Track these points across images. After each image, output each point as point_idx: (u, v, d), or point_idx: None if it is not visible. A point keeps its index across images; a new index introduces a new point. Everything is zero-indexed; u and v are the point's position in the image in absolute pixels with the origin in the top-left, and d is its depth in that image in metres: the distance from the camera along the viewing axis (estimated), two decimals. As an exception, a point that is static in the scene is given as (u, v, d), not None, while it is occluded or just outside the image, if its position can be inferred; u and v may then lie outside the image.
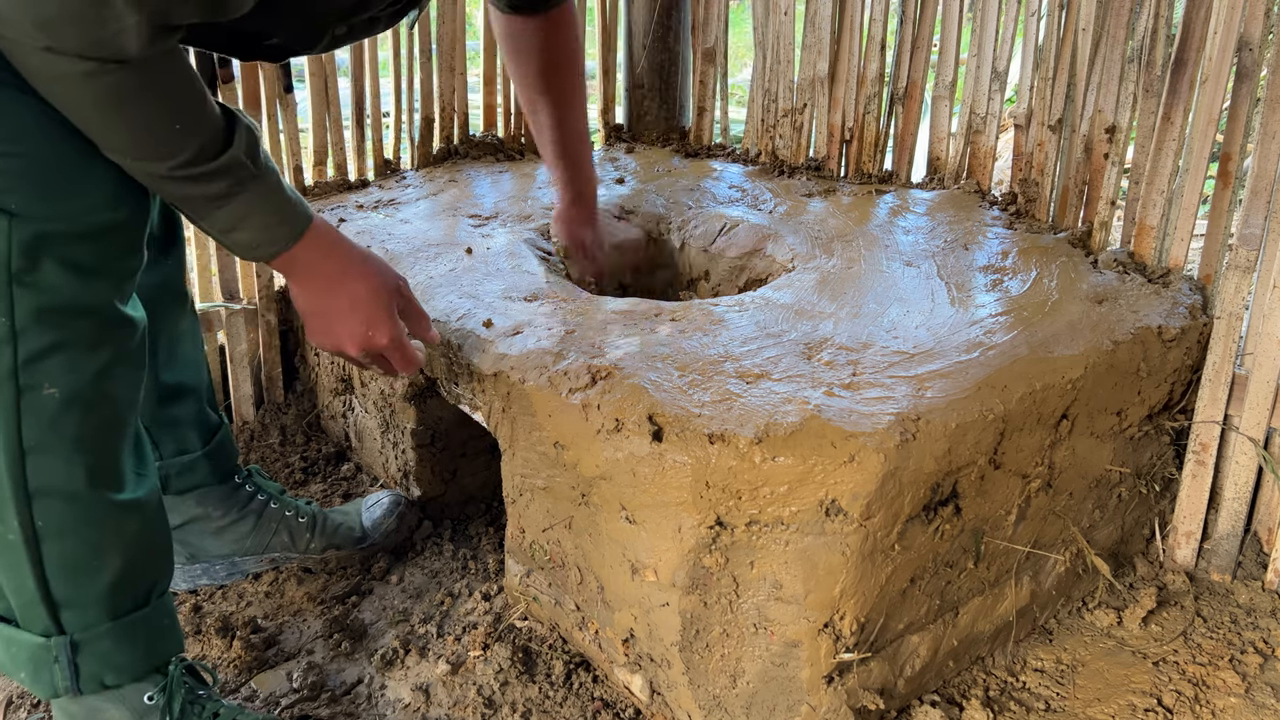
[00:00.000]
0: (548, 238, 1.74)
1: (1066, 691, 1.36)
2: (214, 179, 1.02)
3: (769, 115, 2.13)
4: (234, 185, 1.03)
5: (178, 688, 1.19)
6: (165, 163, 0.99)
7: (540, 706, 1.34)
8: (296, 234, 1.10)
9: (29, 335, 0.98)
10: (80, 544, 1.08)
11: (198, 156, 1.00)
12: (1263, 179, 1.41)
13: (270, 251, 1.10)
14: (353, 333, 1.17)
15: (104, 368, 1.04)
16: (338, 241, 1.15)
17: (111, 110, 0.95)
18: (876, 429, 1.11)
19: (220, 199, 1.03)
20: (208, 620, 1.48)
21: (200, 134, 1.00)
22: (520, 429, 1.32)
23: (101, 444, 1.07)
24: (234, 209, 1.04)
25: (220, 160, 1.01)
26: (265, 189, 1.06)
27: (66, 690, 1.12)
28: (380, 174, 2.11)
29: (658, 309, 1.41)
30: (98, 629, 1.12)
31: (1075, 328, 1.36)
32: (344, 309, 1.16)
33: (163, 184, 1.01)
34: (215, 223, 1.06)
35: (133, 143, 0.97)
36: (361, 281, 1.16)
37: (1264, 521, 1.55)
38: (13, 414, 1.00)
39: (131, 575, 1.13)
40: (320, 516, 1.60)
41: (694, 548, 1.16)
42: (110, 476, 1.09)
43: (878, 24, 1.95)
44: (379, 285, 1.17)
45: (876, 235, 1.69)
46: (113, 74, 0.92)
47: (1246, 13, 1.40)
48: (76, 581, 1.09)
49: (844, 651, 1.17)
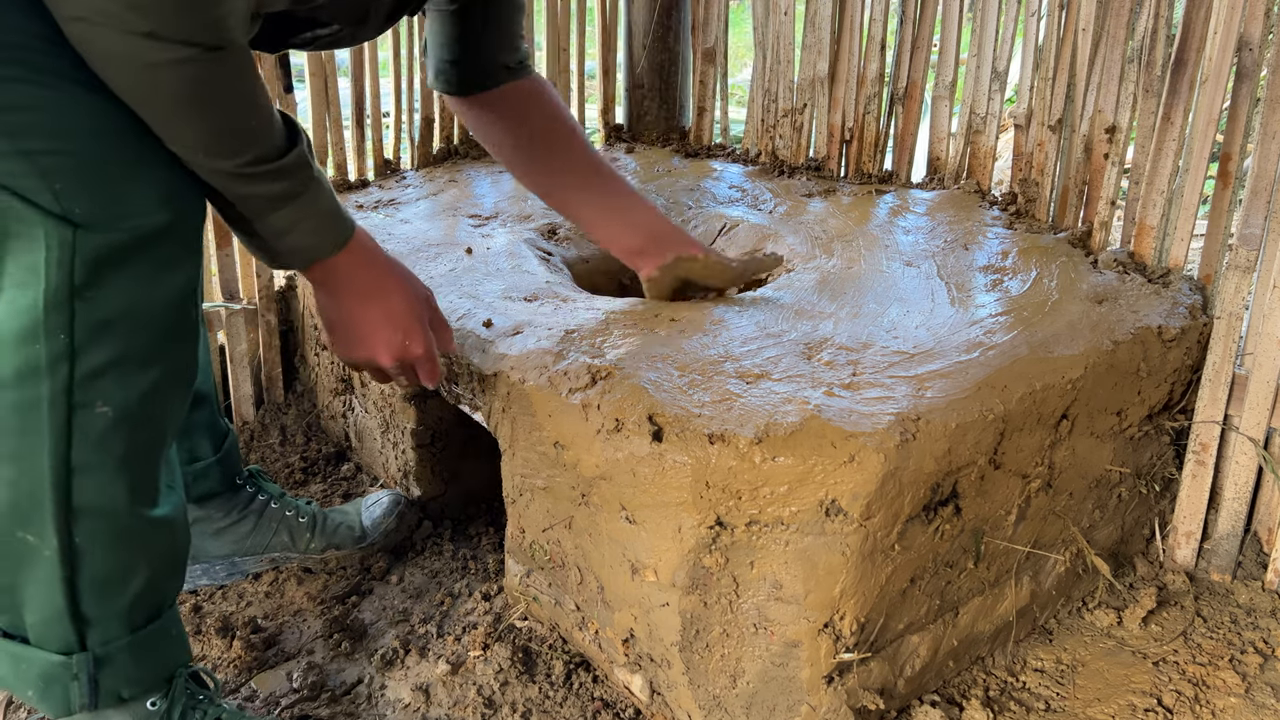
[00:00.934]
0: (548, 238, 1.74)
1: (1066, 691, 1.36)
2: (279, 178, 1.00)
3: (769, 115, 2.13)
4: (296, 185, 1.02)
5: (180, 694, 1.18)
6: (235, 159, 0.97)
7: (540, 706, 1.34)
8: (342, 241, 1.09)
9: (87, 352, 0.95)
10: (114, 561, 1.06)
11: (267, 154, 0.98)
12: (1263, 179, 1.41)
13: (314, 257, 1.08)
14: (389, 343, 1.16)
15: (155, 384, 1.01)
16: (377, 252, 1.15)
17: (192, 102, 0.92)
18: (876, 429, 1.11)
19: (281, 200, 1.02)
20: (208, 620, 1.48)
21: (270, 132, 0.99)
22: (520, 429, 1.32)
23: (144, 461, 1.04)
24: (292, 211, 1.03)
25: (286, 159, 1.00)
26: (322, 192, 1.05)
27: (83, 708, 1.09)
28: (380, 174, 2.11)
29: (658, 309, 1.41)
30: (118, 643, 1.09)
31: (1075, 328, 1.36)
32: (378, 320, 1.15)
33: (229, 181, 0.99)
34: (270, 226, 1.03)
35: (206, 137, 0.95)
36: (399, 294, 1.16)
37: (1264, 521, 1.55)
38: (64, 432, 0.97)
39: (154, 589, 1.12)
40: (320, 516, 1.60)
41: (694, 548, 1.16)
42: (148, 493, 1.06)
43: (878, 24, 1.95)
44: (414, 297, 1.17)
45: (876, 235, 1.69)
46: (201, 64, 0.90)
47: (1246, 13, 1.40)
48: (105, 598, 1.07)
49: (844, 651, 1.17)
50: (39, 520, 1.00)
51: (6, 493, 1.00)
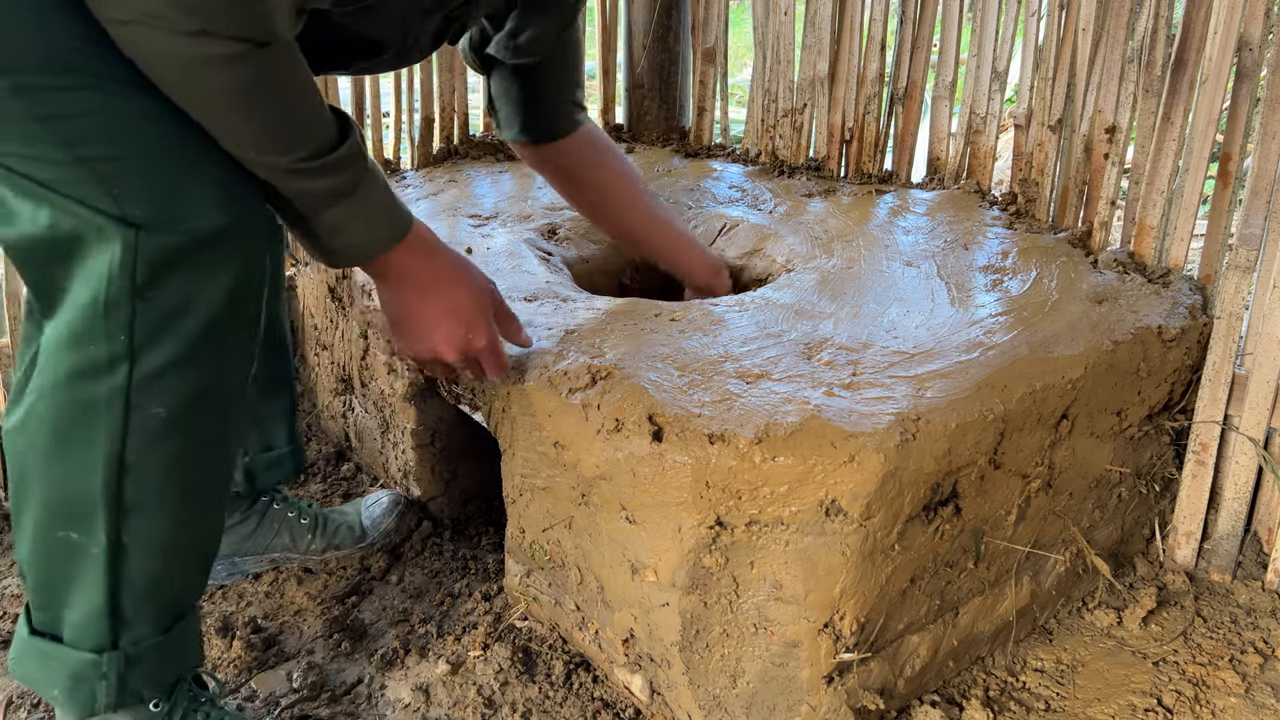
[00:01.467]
0: (548, 238, 1.74)
1: (1066, 691, 1.36)
2: (333, 172, 0.99)
3: (769, 115, 2.13)
4: (352, 179, 1.01)
5: (182, 696, 1.17)
6: (289, 155, 0.96)
7: (540, 706, 1.34)
8: (399, 235, 1.08)
9: (146, 354, 0.94)
10: (160, 561, 1.05)
11: (321, 149, 0.98)
12: (1263, 179, 1.41)
13: (371, 253, 1.07)
14: (451, 336, 1.15)
15: (211, 385, 1.00)
16: (436, 245, 1.13)
17: (243, 99, 0.92)
18: (876, 429, 1.11)
19: (336, 195, 1.01)
20: (208, 620, 1.48)
21: (321, 126, 0.98)
22: (520, 429, 1.32)
23: (199, 464, 1.04)
24: (347, 206, 1.02)
25: (339, 152, 0.99)
26: (377, 185, 1.04)
27: (107, 708, 1.09)
28: (380, 174, 2.10)
29: (658, 309, 1.41)
30: (148, 643, 1.09)
31: (1075, 328, 1.36)
32: (441, 314, 1.14)
33: (284, 178, 0.98)
34: (325, 222, 1.02)
35: (258, 133, 0.94)
36: (461, 287, 1.15)
37: (1264, 521, 1.55)
38: (119, 432, 0.97)
39: (186, 589, 1.12)
40: (321, 518, 1.60)
41: (694, 548, 1.16)
42: (198, 495, 1.06)
43: (878, 24, 1.95)
44: (476, 289, 1.16)
45: (876, 235, 1.69)
46: (251, 60, 0.89)
47: (1246, 13, 1.40)
48: (146, 598, 1.06)
49: (844, 651, 1.17)
50: (87, 519, 1.00)
51: (54, 492, 1.00)
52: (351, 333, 1.73)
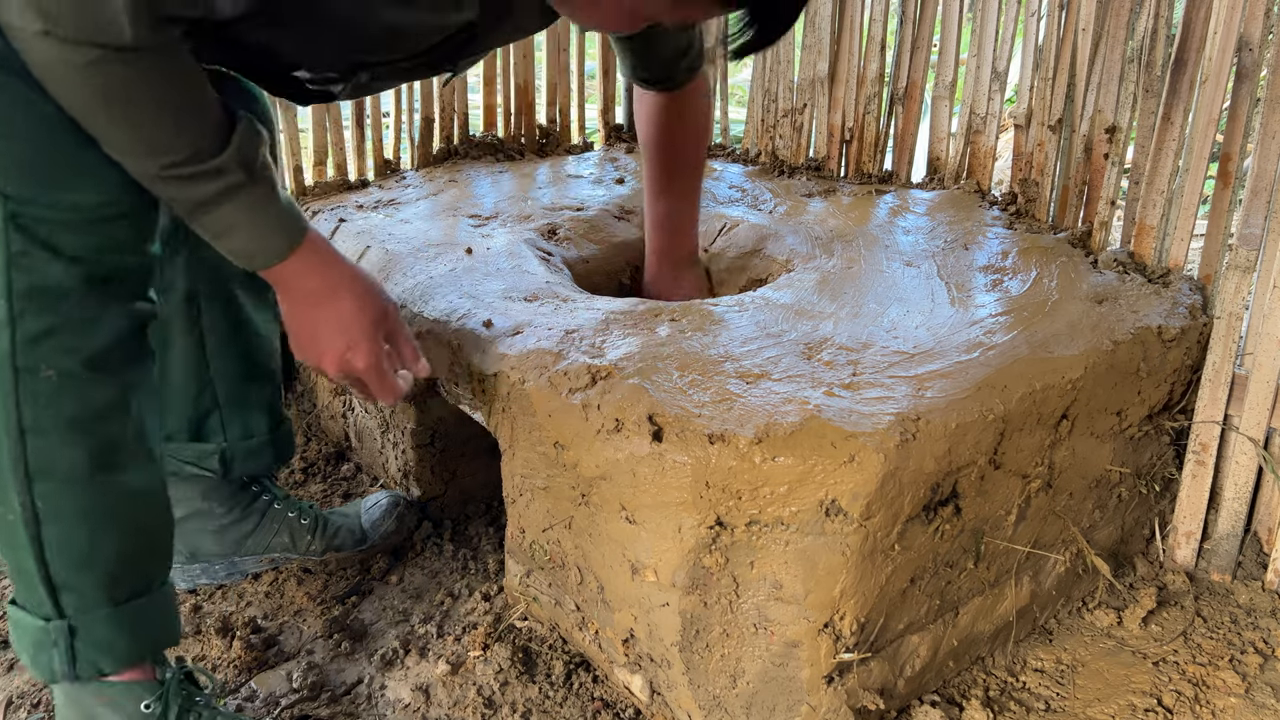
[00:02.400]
0: (548, 238, 1.74)
1: (1066, 691, 1.36)
2: (203, 182, 1.01)
3: (769, 115, 2.13)
4: (224, 191, 1.02)
5: (174, 696, 1.19)
6: (156, 161, 0.98)
7: (540, 706, 1.34)
8: (287, 248, 1.09)
9: (26, 318, 0.99)
10: (79, 527, 1.09)
11: (190, 159, 0.99)
12: (1263, 179, 1.41)
13: (258, 262, 1.09)
14: (331, 351, 1.16)
15: (100, 352, 1.04)
16: (330, 259, 1.14)
17: (106, 103, 0.94)
18: (876, 429, 1.11)
19: (208, 204, 1.02)
20: (208, 620, 1.48)
21: (194, 136, 0.99)
22: (520, 429, 1.32)
23: (102, 428, 1.07)
24: (222, 215, 1.03)
25: (210, 164, 1.00)
26: (256, 199, 1.04)
27: (64, 675, 1.13)
28: (380, 174, 2.11)
29: (658, 309, 1.41)
30: (96, 614, 1.12)
31: (1075, 328, 1.36)
32: (326, 327, 1.14)
33: (153, 182, 1.01)
34: (204, 226, 1.05)
35: (126, 139, 0.97)
36: (349, 301, 1.14)
37: (1264, 521, 1.55)
38: (11, 395, 1.01)
39: (132, 561, 1.14)
40: (321, 519, 1.60)
41: (694, 548, 1.16)
42: (111, 461, 1.09)
43: (878, 24, 1.95)
44: (364, 307, 1.15)
45: (876, 235, 1.69)
46: (112, 65, 0.92)
47: (1246, 13, 1.40)
48: (76, 565, 1.10)
49: (844, 651, 1.17)
50: (3, 485, 1.04)
51: None
52: (351, 333, 1.73)
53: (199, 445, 1.47)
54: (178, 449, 1.47)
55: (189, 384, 1.44)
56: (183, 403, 1.45)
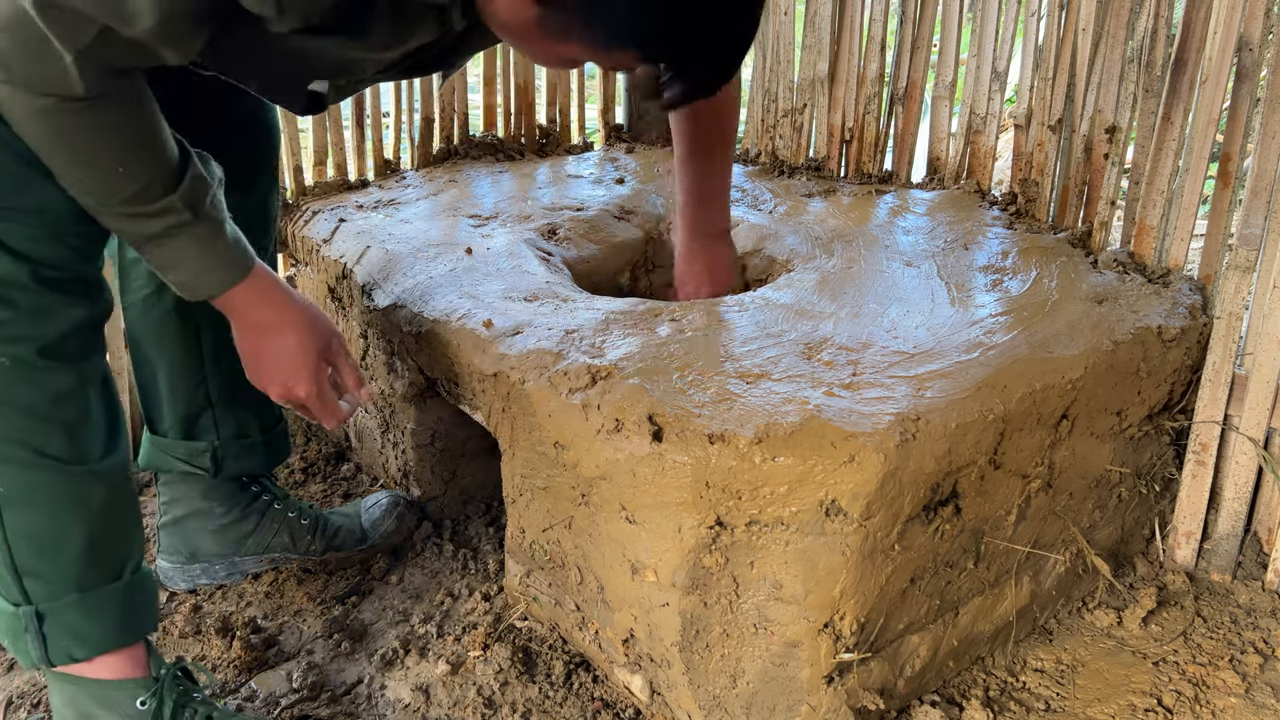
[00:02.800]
0: (548, 238, 1.74)
1: (1066, 691, 1.36)
2: (149, 220, 1.06)
3: (769, 115, 2.13)
4: (170, 229, 1.07)
5: (169, 692, 1.20)
6: (105, 198, 1.03)
7: (540, 706, 1.34)
8: (230, 281, 1.13)
9: None
10: (39, 513, 1.11)
11: (137, 198, 1.04)
12: (1263, 179, 1.41)
13: (201, 294, 1.14)
14: (275, 380, 1.21)
15: (54, 342, 1.07)
16: (272, 293, 1.18)
17: (59, 145, 1.00)
18: (876, 429, 1.11)
19: (154, 239, 1.08)
20: (208, 620, 1.48)
21: (142, 178, 1.03)
22: (520, 429, 1.32)
23: (59, 414, 1.10)
24: (167, 251, 1.09)
25: (157, 205, 1.05)
26: (200, 237, 1.09)
27: (40, 660, 1.15)
28: (380, 174, 2.11)
29: (658, 309, 1.41)
30: (63, 600, 1.14)
31: (1075, 328, 1.35)
32: (270, 356, 1.20)
33: (100, 214, 1.06)
34: (150, 259, 1.11)
35: (76, 176, 1.02)
36: (290, 335, 1.19)
37: (1264, 521, 1.55)
38: None
39: (98, 548, 1.15)
40: (321, 519, 1.60)
41: (694, 548, 1.16)
42: (69, 447, 1.11)
43: (878, 24, 1.95)
44: (307, 340, 1.20)
45: (876, 235, 1.69)
46: (64, 114, 0.96)
47: (1246, 13, 1.40)
48: (39, 551, 1.12)
49: (844, 651, 1.17)
50: None
51: None
52: (351, 333, 1.73)
53: (191, 443, 1.47)
54: (170, 446, 1.48)
55: (183, 381, 1.44)
56: (176, 400, 1.45)
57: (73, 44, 0.91)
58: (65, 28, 0.90)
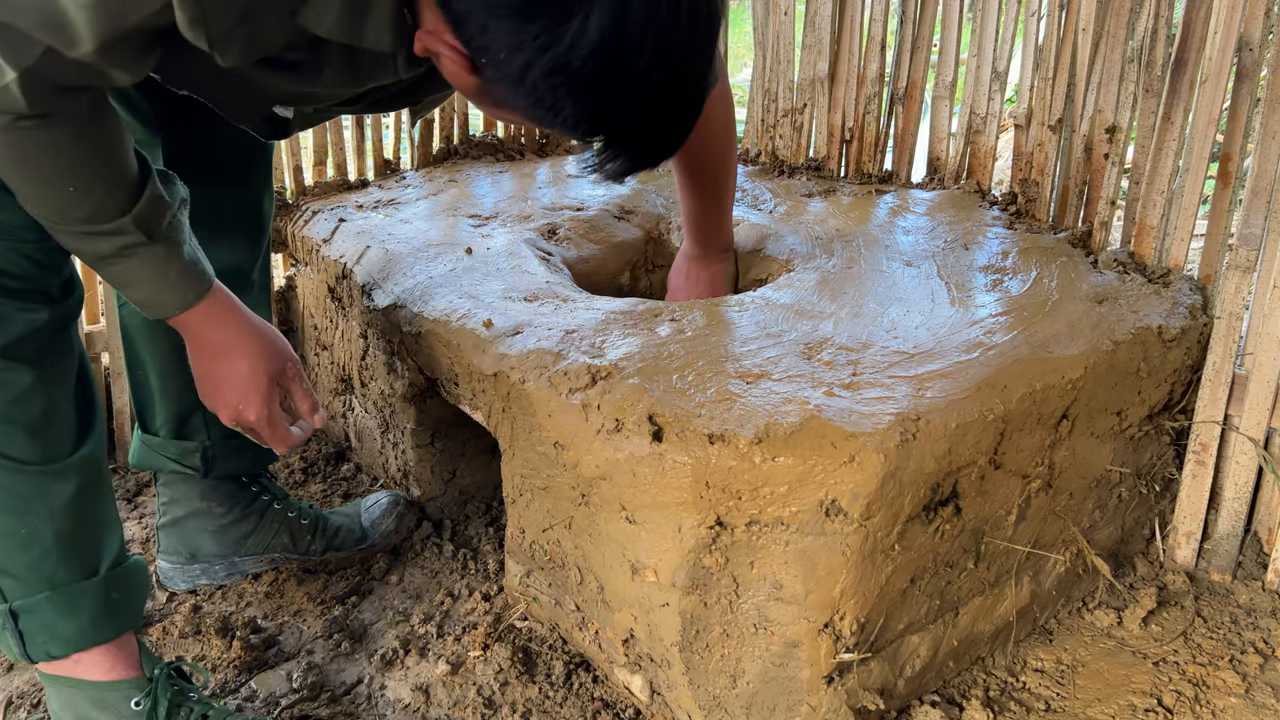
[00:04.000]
0: (548, 238, 1.74)
1: (1066, 691, 1.36)
2: (101, 239, 1.05)
3: (769, 115, 2.13)
4: (122, 250, 1.07)
5: (163, 692, 1.20)
6: (58, 216, 1.03)
7: (540, 706, 1.34)
8: (184, 304, 1.13)
9: None
10: (7, 512, 1.11)
11: (90, 218, 1.03)
12: (1263, 179, 1.41)
13: (159, 314, 1.14)
14: (226, 403, 1.21)
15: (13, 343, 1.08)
16: (227, 318, 1.18)
17: (13, 163, 0.99)
18: (877, 429, 1.11)
19: (107, 259, 1.07)
20: (208, 620, 1.48)
21: (94, 198, 1.03)
22: (520, 429, 1.32)
23: (19, 415, 1.10)
24: (121, 271, 1.09)
25: (109, 225, 1.04)
26: (154, 259, 1.08)
27: (22, 657, 1.16)
28: (380, 174, 2.11)
29: (658, 309, 1.41)
30: (35, 598, 1.14)
31: (1075, 328, 1.35)
32: (222, 380, 1.20)
33: (55, 233, 1.06)
34: (105, 278, 1.11)
35: (30, 194, 1.02)
36: (243, 359, 1.19)
37: (1264, 521, 1.55)
38: None
39: (67, 545, 1.15)
40: (321, 519, 1.60)
41: (694, 548, 1.16)
42: (30, 446, 1.12)
43: (878, 24, 1.95)
44: (259, 364, 1.20)
45: (876, 235, 1.69)
46: (13, 131, 0.96)
47: (1246, 13, 1.40)
48: (8, 549, 1.13)
49: (844, 651, 1.17)
50: None
51: None
52: (351, 333, 1.73)
53: (181, 442, 1.47)
54: (161, 445, 1.48)
55: (174, 380, 1.44)
56: (167, 399, 1.45)
57: (16, 63, 0.90)
58: (8, 47, 0.90)
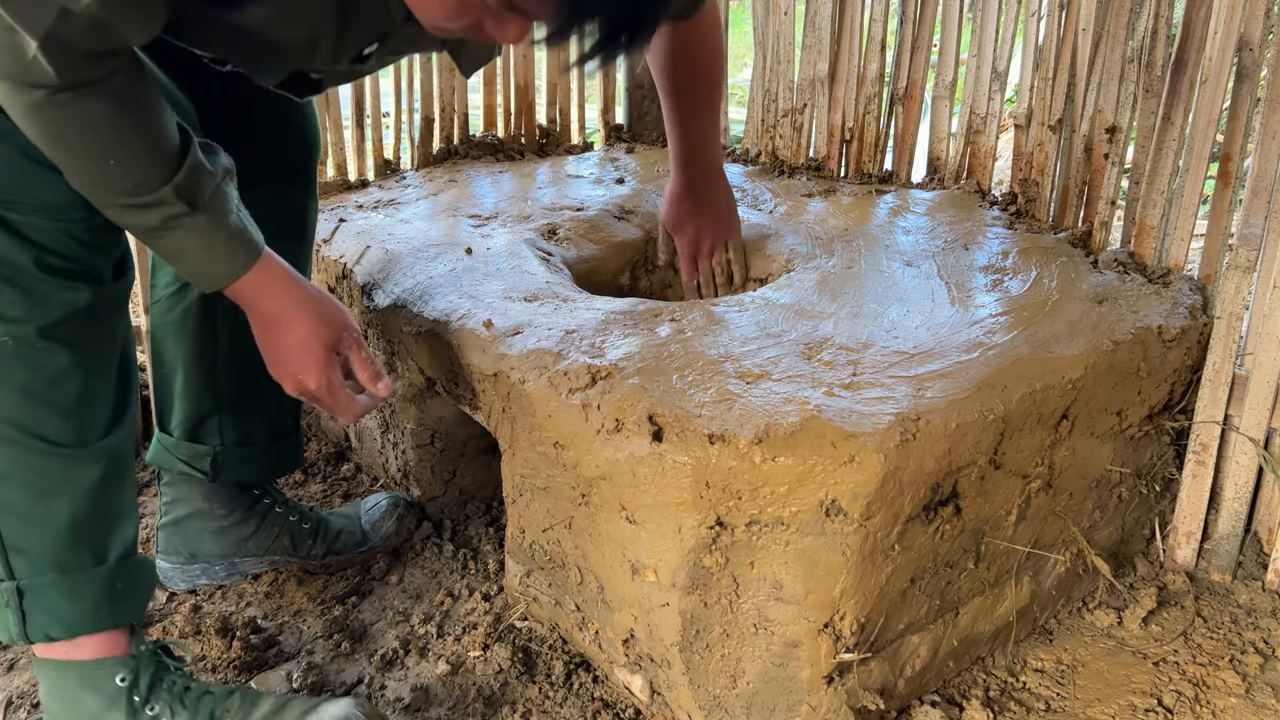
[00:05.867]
0: (548, 238, 1.74)
1: (1066, 692, 1.36)
2: (146, 212, 1.05)
3: (769, 115, 2.13)
4: (167, 221, 1.06)
5: (145, 666, 1.21)
6: (102, 190, 1.03)
7: (540, 707, 1.34)
8: (234, 274, 1.12)
9: None
10: (24, 490, 1.12)
11: (132, 190, 1.03)
12: (1263, 179, 1.41)
13: (211, 284, 1.13)
14: (287, 372, 1.20)
15: (54, 324, 1.08)
16: (282, 284, 1.17)
17: (53, 139, 1.00)
18: (877, 429, 1.11)
19: (153, 231, 1.07)
20: (208, 620, 1.48)
21: (136, 170, 1.03)
22: (520, 429, 1.32)
23: (53, 396, 1.10)
24: (169, 243, 1.08)
25: (152, 196, 1.04)
26: (200, 229, 1.08)
27: (20, 636, 1.16)
28: (380, 174, 2.11)
29: (658, 309, 1.41)
30: (43, 579, 1.14)
31: (1075, 328, 1.36)
32: (280, 350, 1.19)
33: (101, 206, 1.06)
34: (158, 250, 1.11)
35: (74, 169, 1.02)
36: (299, 326, 1.18)
37: (1264, 521, 1.55)
38: None
39: (82, 532, 1.16)
40: (322, 522, 1.60)
41: (694, 548, 1.16)
42: (61, 428, 1.12)
43: (878, 24, 1.95)
44: (314, 332, 1.19)
45: (876, 235, 1.69)
46: (51, 106, 0.96)
47: (1246, 13, 1.40)
48: (23, 528, 1.13)
49: (844, 651, 1.17)
50: None
51: None
52: (351, 333, 1.73)
53: (194, 445, 1.47)
54: (174, 445, 1.48)
55: (194, 383, 1.44)
56: (186, 401, 1.45)
57: (35, 30, 0.90)
58: (23, 15, 0.89)
